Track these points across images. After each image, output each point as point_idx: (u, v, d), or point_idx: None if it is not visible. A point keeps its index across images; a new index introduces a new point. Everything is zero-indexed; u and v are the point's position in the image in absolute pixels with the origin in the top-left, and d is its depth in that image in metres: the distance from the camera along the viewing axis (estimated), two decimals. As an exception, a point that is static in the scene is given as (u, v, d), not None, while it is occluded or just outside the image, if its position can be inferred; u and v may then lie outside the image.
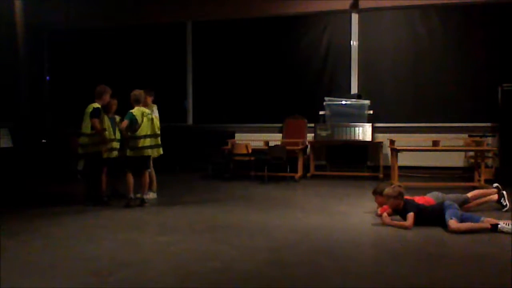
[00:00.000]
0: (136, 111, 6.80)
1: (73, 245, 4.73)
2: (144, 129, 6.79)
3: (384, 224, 5.38)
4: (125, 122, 6.72)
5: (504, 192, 6.21)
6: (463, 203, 5.85)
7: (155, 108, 7.46)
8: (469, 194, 6.09)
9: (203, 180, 9.77)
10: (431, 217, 5.34)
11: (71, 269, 3.98)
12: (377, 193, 5.94)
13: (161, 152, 7.17)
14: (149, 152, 6.88)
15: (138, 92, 6.93)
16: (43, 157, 10.37)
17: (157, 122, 7.07)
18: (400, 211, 5.45)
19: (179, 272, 3.88)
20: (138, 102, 6.89)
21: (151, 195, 7.28)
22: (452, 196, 5.94)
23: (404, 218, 5.35)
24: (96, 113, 6.75)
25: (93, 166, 6.96)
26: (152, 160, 7.27)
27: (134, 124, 6.74)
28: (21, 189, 8.73)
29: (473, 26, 10.01)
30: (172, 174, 10.34)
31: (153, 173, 7.37)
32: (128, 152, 6.82)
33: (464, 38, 10.07)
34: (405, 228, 5.19)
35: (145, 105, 7.23)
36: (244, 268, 3.98)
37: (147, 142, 6.83)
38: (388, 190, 5.51)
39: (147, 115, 6.87)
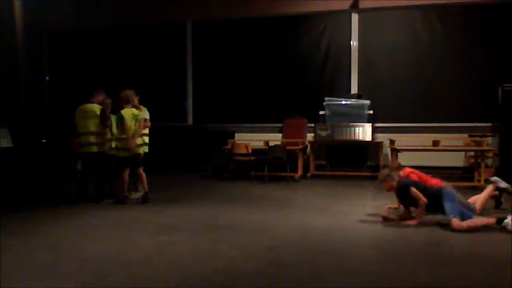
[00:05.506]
0: (125, 112, 6.87)
1: (73, 245, 4.73)
2: (132, 129, 6.84)
3: (415, 225, 5.30)
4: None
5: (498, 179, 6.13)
6: (471, 211, 5.55)
7: (145, 110, 7.48)
8: (472, 200, 5.79)
9: (203, 180, 9.77)
10: (428, 199, 5.31)
11: (71, 269, 3.98)
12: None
13: (146, 150, 7.36)
14: (140, 150, 7.00)
15: (129, 93, 6.95)
16: (43, 157, 10.37)
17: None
18: (396, 191, 5.53)
19: (179, 272, 3.88)
20: (128, 102, 6.93)
21: (137, 195, 7.29)
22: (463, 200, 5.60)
23: (401, 198, 5.48)
24: (104, 115, 7.00)
25: (109, 165, 7.12)
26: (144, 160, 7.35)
27: (123, 124, 6.80)
28: (21, 189, 8.72)
29: (473, 26, 10.00)
30: (172, 174, 10.33)
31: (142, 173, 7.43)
32: (122, 153, 6.91)
33: (464, 38, 10.05)
34: (424, 203, 5.18)
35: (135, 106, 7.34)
36: (244, 268, 3.98)
37: (139, 141, 6.95)
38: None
39: (136, 117, 6.91)
